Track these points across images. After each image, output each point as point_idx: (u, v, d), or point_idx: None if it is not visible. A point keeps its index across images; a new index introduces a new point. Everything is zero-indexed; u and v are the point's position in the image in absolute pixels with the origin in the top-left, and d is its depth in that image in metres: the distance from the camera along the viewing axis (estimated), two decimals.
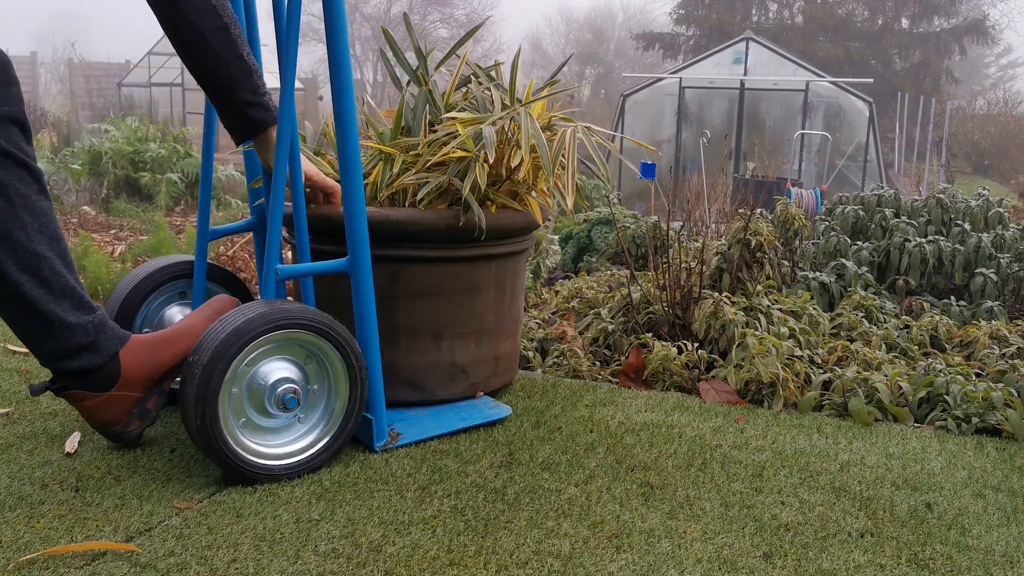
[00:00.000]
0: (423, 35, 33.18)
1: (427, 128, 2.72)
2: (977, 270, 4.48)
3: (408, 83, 2.83)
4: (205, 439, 2.09)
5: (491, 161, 2.49)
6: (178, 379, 2.28)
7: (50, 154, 9.79)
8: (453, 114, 2.62)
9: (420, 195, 2.50)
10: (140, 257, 5.00)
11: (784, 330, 3.37)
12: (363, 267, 2.33)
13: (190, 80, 18.97)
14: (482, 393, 2.72)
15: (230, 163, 10.49)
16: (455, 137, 2.56)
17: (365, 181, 2.58)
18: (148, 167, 9.04)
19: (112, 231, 6.79)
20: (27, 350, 3.02)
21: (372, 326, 2.35)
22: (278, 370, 2.21)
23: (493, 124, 2.49)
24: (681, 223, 5.79)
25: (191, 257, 2.70)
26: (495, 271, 2.62)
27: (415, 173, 2.56)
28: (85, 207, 8.28)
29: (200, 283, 2.67)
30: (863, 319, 3.80)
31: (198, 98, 18.52)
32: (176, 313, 2.69)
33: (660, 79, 14.86)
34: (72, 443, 2.37)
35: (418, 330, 2.57)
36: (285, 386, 2.21)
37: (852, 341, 3.58)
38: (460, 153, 2.51)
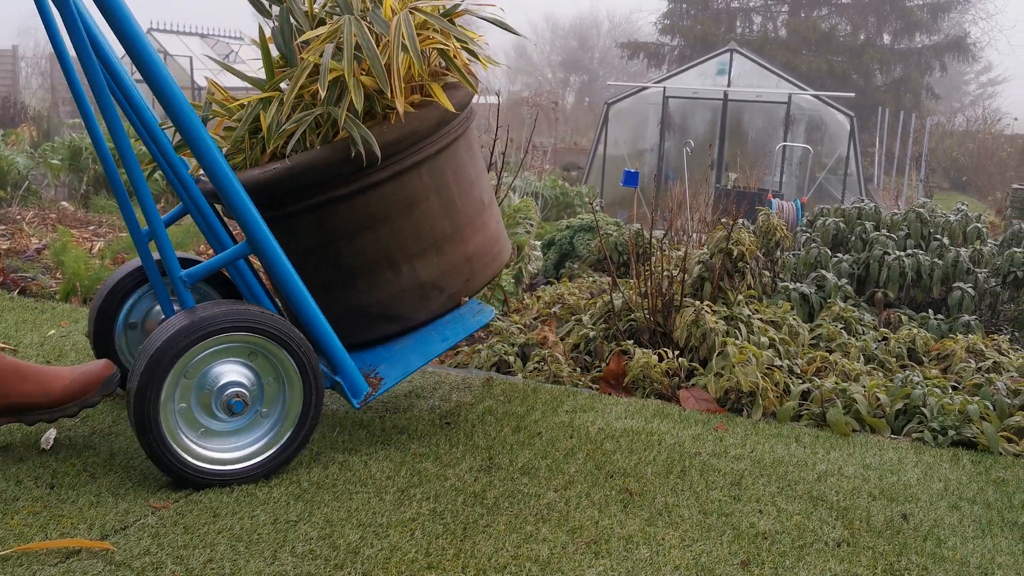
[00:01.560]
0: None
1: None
2: (955, 284, 4.52)
3: (271, 4, 2.49)
4: (155, 457, 2.07)
5: (359, 71, 2.24)
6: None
7: (30, 149, 9.71)
8: (311, 33, 2.32)
9: (291, 145, 2.28)
10: (119, 254, 4.97)
11: (764, 340, 3.39)
12: (263, 243, 2.21)
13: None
14: (466, 299, 2.58)
15: None
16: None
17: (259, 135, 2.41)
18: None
19: (91, 227, 6.73)
20: (9, 346, 2.99)
21: (302, 296, 2.25)
22: (226, 374, 2.15)
23: (353, 28, 2.22)
24: (663, 232, 5.81)
25: (180, 255, 2.65)
26: (427, 177, 2.40)
27: (298, 113, 2.29)
28: (64, 203, 8.20)
29: (160, 288, 2.53)
30: (842, 330, 3.83)
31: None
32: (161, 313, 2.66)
33: (644, 88, 14.92)
34: (47, 440, 2.35)
35: (370, 265, 2.41)
36: (230, 390, 2.14)
37: (831, 352, 3.60)
38: (333, 74, 2.23)
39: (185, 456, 2.10)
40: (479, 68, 2.56)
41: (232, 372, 2.15)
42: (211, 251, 5.08)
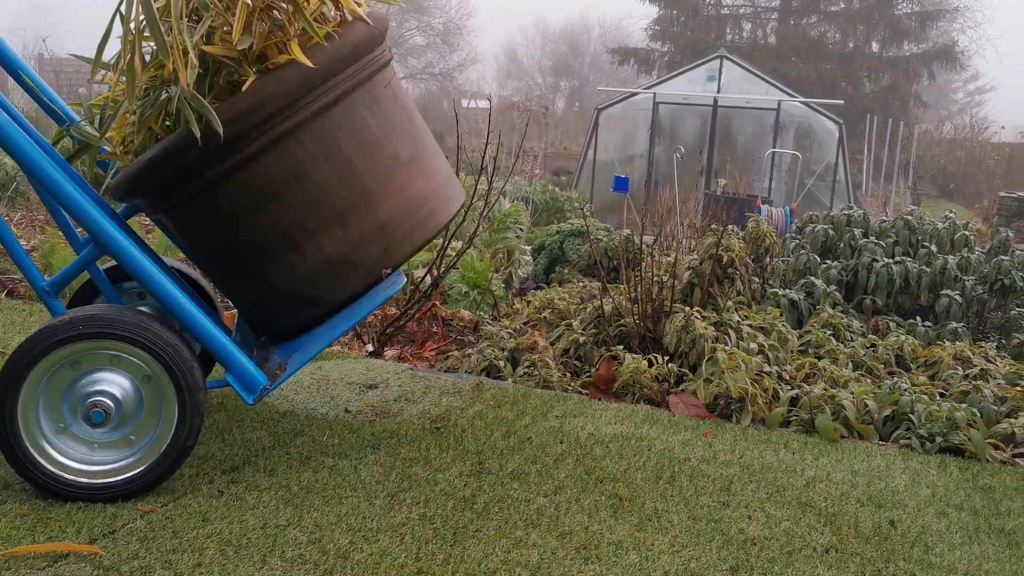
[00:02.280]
0: (399, 42, 33.16)
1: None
2: (942, 291, 4.55)
3: None
4: (13, 464, 2.02)
5: (201, 42, 2.02)
6: None
7: None
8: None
9: (137, 141, 2.14)
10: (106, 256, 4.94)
11: (753, 346, 3.40)
12: (107, 242, 2.08)
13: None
14: (388, 271, 2.31)
15: None
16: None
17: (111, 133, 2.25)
18: None
19: (79, 229, 6.68)
20: None
21: (168, 294, 2.11)
22: (98, 383, 2.05)
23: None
24: (653, 237, 5.82)
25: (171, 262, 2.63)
26: (309, 143, 2.13)
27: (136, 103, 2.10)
28: None
29: (109, 291, 2.48)
30: (831, 337, 3.84)
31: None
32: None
33: (634, 94, 14.95)
34: None
35: (269, 248, 2.20)
36: (93, 399, 2.04)
37: (820, 358, 3.61)
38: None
39: (44, 464, 2.03)
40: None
41: (104, 382, 2.05)
42: None
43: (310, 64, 2.06)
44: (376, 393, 2.98)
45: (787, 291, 4.37)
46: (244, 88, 2.04)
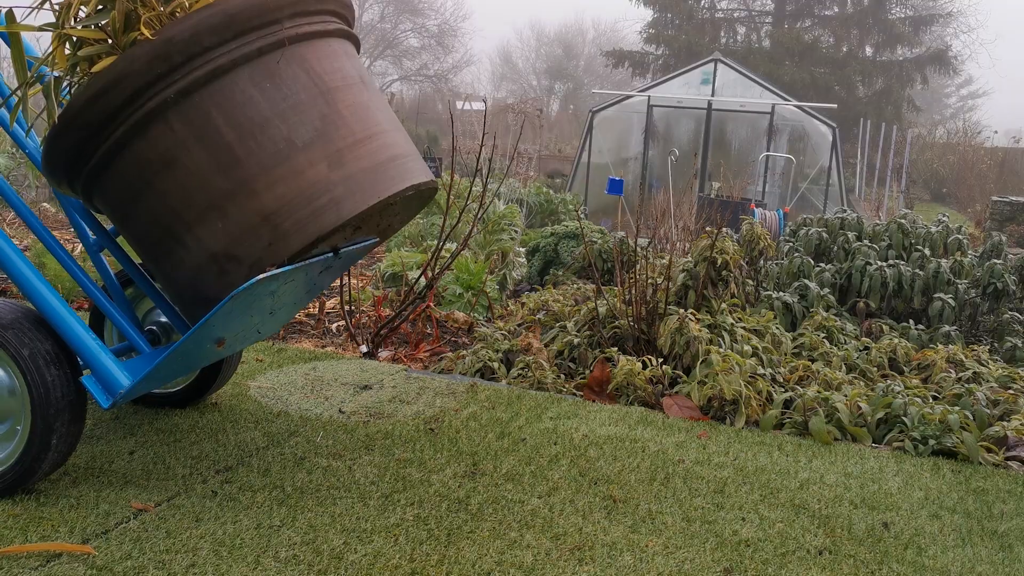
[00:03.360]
0: (394, 44, 33.16)
1: None
2: (936, 295, 4.56)
3: None
4: None
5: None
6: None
7: (11, 149, 9.63)
8: None
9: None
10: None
11: (747, 348, 3.41)
12: None
13: None
14: (273, 268, 1.98)
15: None
16: None
17: None
18: None
19: (72, 229, 6.68)
20: None
21: (23, 281, 2.05)
22: None
23: None
24: (647, 240, 5.83)
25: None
26: (179, 125, 1.92)
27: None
28: (45, 204, 8.14)
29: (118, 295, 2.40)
30: (824, 339, 3.85)
31: None
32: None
33: (629, 97, 14.96)
34: None
35: (158, 240, 2.02)
36: None
37: (813, 361, 3.62)
38: None
39: None
40: None
41: None
42: None
43: (146, 34, 1.87)
44: (370, 394, 2.98)
45: (781, 294, 4.38)
46: (95, 68, 1.90)
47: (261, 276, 1.88)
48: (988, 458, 2.77)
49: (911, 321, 4.46)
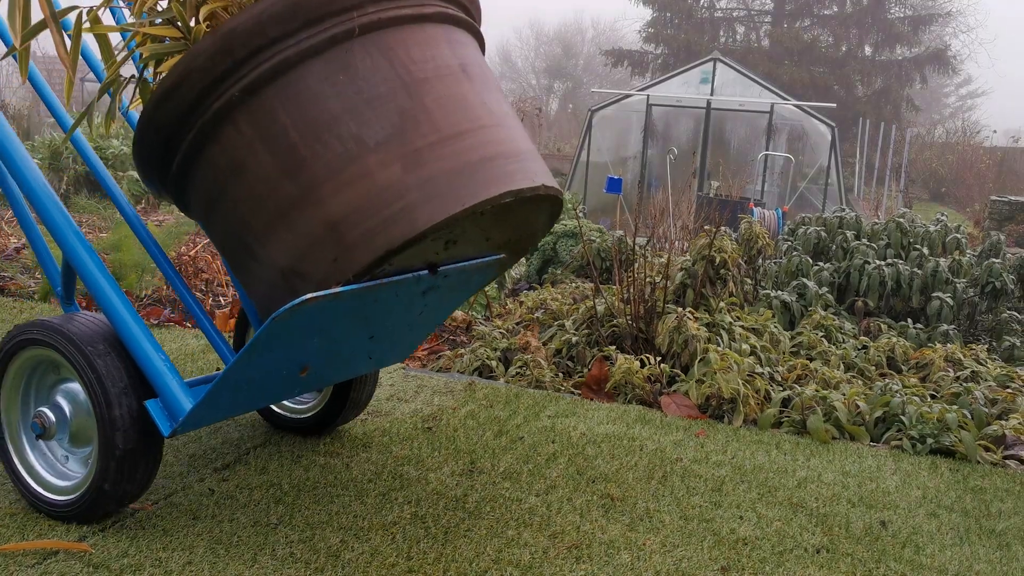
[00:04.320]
0: None
1: None
2: (934, 294, 4.56)
3: None
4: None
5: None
6: None
7: None
8: None
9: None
10: (99, 254, 4.92)
11: (746, 347, 3.40)
12: (53, 227, 1.97)
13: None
14: (338, 287, 1.75)
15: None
16: None
17: None
18: (110, 164, 8.92)
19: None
20: None
21: (96, 289, 1.92)
22: (62, 393, 1.97)
23: None
24: (646, 239, 5.83)
25: None
26: (245, 126, 1.75)
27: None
28: None
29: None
30: (823, 338, 3.85)
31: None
32: None
33: (628, 96, 14.97)
34: None
35: (235, 254, 1.88)
36: (40, 409, 1.97)
37: (811, 360, 3.62)
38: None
39: (19, 468, 2.01)
40: None
41: (65, 392, 1.98)
42: (181, 257, 5.05)
43: (206, 30, 1.74)
44: None
45: (779, 292, 4.38)
46: (160, 68, 1.81)
47: (301, 299, 1.66)
48: (986, 457, 2.77)
49: (909, 320, 4.46)
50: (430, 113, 1.77)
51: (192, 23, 1.75)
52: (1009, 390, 3.30)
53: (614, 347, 3.46)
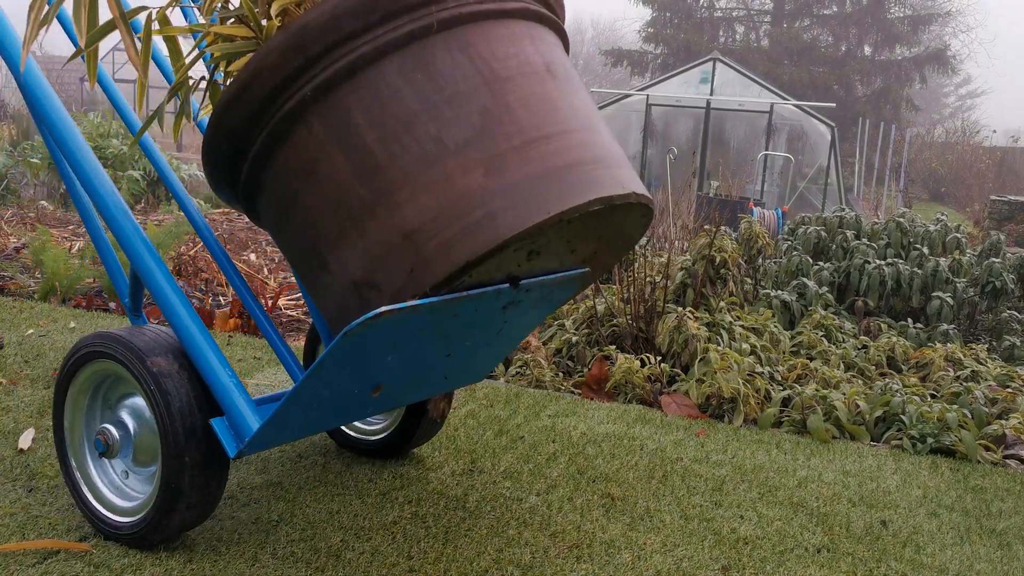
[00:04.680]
0: None
1: None
2: (934, 293, 4.56)
3: None
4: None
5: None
6: None
7: (9, 147, 9.63)
8: None
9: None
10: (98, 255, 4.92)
11: (746, 346, 3.40)
12: (122, 237, 1.88)
13: (156, 78, 18.73)
14: (414, 301, 1.62)
15: (193, 163, 10.39)
16: None
17: None
18: (110, 164, 8.92)
19: (71, 227, 6.67)
20: None
21: (176, 312, 1.81)
22: (127, 410, 1.88)
23: None
24: (646, 238, 5.83)
25: None
26: (318, 126, 1.64)
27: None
28: (43, 202, 8.14)
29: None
30: (823, 338, 3.85)
31: (162, 96, 18.30)
32: None
33: (627, 95, 14.97)
34: (26, 439, 2.32)
35: (305, 264, 1.77)
36: (104, 425, 1.87)
37: (812, 359, 3.62)
38: None
39: (82, 486, 1.93)
40: None
41: (128, 408, 1.89)
42: (181, 256, 5.05)
43: (278, 25, 1.64)
44: None
45: (779, 292, 4.38)
46: (230, 67, 1.72)
47: (375, 312, 1.53)
48: (986, 456, 2.77)
49: (909, 320, 4.47)
50: (514, 114, 1.65)
51: (263, 21, 1.68)
52: (1009, 389, 3.30)
53: (614, 347, 3.46)
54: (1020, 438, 2.88)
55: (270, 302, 4.36)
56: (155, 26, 1.69)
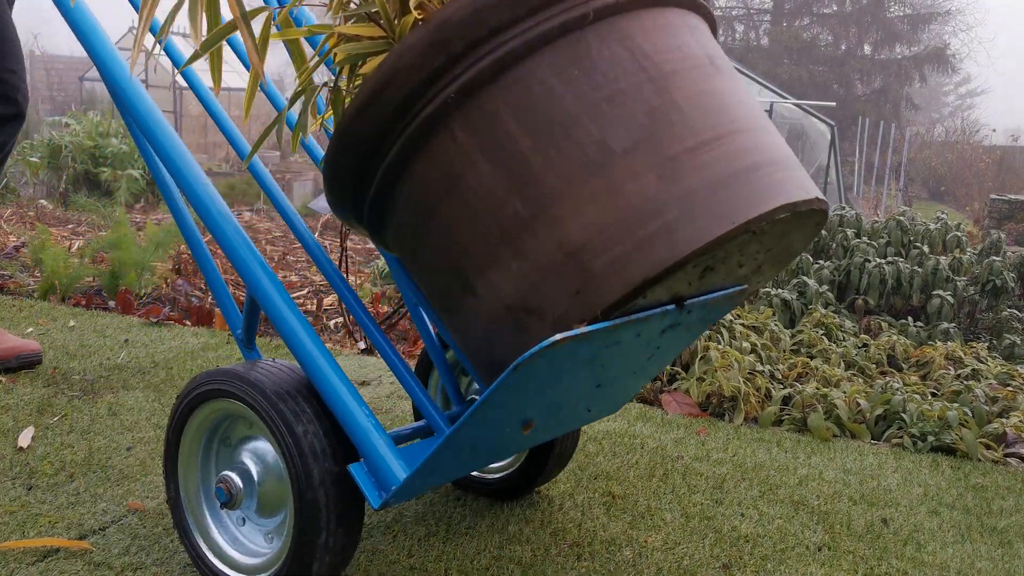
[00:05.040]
0: None
1: None
2: (934, 292, 4.56)
3: None
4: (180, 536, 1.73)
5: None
6: None
7: None
8: None
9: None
10: (98, 253, 4.93)
11: (746, 345, 3.40)
12: (236, 257, 1.69)
13: (155, 77, 18.75)
14: (582, 325, 1.40)
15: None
16: None
17: None
18: (109, 162, 8.92)
19: (70, 226, 6.67)
20: None
21: (303, 345, 1.63)
22: (249, 454, 1.67)
23: None
24: None
25: None
26: (465, 132, 1.45)
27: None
28: (43, 201, 8.14)
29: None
30: (823, 336, 3.85)
31: (162, 96, 18.32)
32: None
33: None
34: (25, 438, 2.32)
35: (444, 287, 1.57)
36: (225, 472, 1.66)
37: (812, 358, 3.62)
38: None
39: (197, 539, 1.73)
40: None
41: (250, 452, 1.68)
42: (180, 256, 5.05)
43: (421, 20, 1.50)
44: (369, 390, 2.97)
45: (779, 291, 4.38)
46: (361, 69, 1.56)
47: (552, 339, 1.36)
48: (987, 455, 2.77)
49: (910, 318, 4.47)
50: (683, 112, 1.47)
51: (395, 19, 1.51)
52: (1010, 388, 3.30)
53: None
54: (1021, 436, 2.88)
55: None
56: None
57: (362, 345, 3.66)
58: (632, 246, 1.37)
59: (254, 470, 1.64)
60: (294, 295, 4.74)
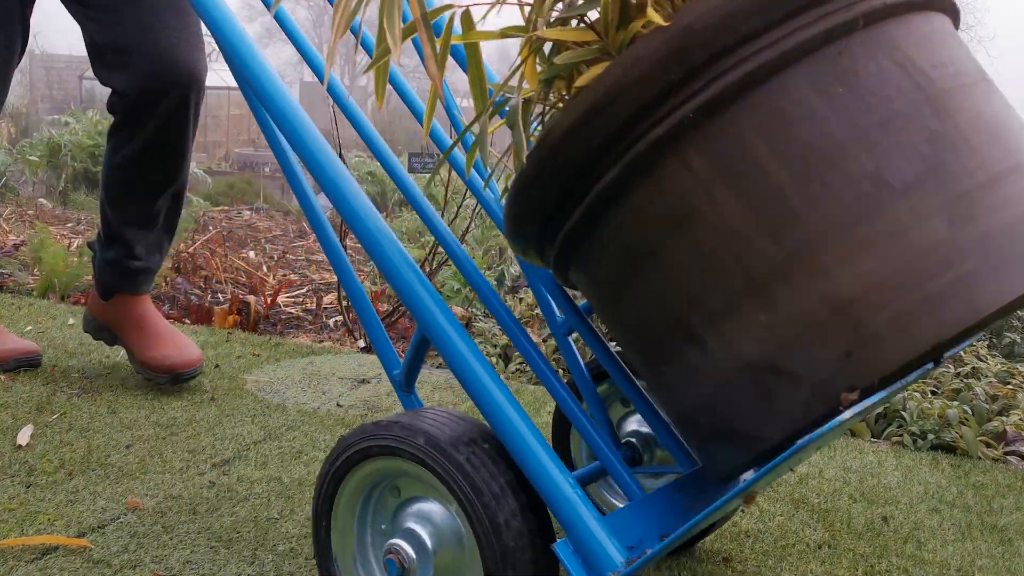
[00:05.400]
0: None
1: None
2: None
3: None
4: None
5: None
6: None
7: (7, 145, 9.63)
8: None
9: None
10: None
11: None
12: (409, 294, 1.44)
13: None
14: (852, 395, 1.15)
15: None
16: None
17: None
18: None
19: (69, 224, 6.67)
20: None
21: (489, 394, 1.38)
22: (415, 518, 1.44)
23: None
24: None
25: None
26: (701, 159, 1.21)
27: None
28: (42, 199, 8.14)
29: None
30: None
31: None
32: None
33: None
34: (24, 436, 2.32)
35: (658, 337, 1.32)
36: (393, 542, 1.41)
37: None
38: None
39: None
40: None
41: (418, 516, 1.44)
42: (180, 255, 5.04)
43: (663, 24, 1.23)
44: (368, 388, 2.97)
45: None
46: (577, 83, 1.33)
47: (849, 413, 1.15)
48: (987, 453, 2.77)
49: None
50: (968, 140, 1.24)
51: (615, 27, 1.28)
52: (1010, 386, 3.30)
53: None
54: (1021, 434, 2.88)
55: (269, 299, 4.36)
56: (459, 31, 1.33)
57: (361, 344, 3.66)
58: (918, 302, 1.14)
59: (426, 537, 1.39)
60: (294, 294, 4.73)
